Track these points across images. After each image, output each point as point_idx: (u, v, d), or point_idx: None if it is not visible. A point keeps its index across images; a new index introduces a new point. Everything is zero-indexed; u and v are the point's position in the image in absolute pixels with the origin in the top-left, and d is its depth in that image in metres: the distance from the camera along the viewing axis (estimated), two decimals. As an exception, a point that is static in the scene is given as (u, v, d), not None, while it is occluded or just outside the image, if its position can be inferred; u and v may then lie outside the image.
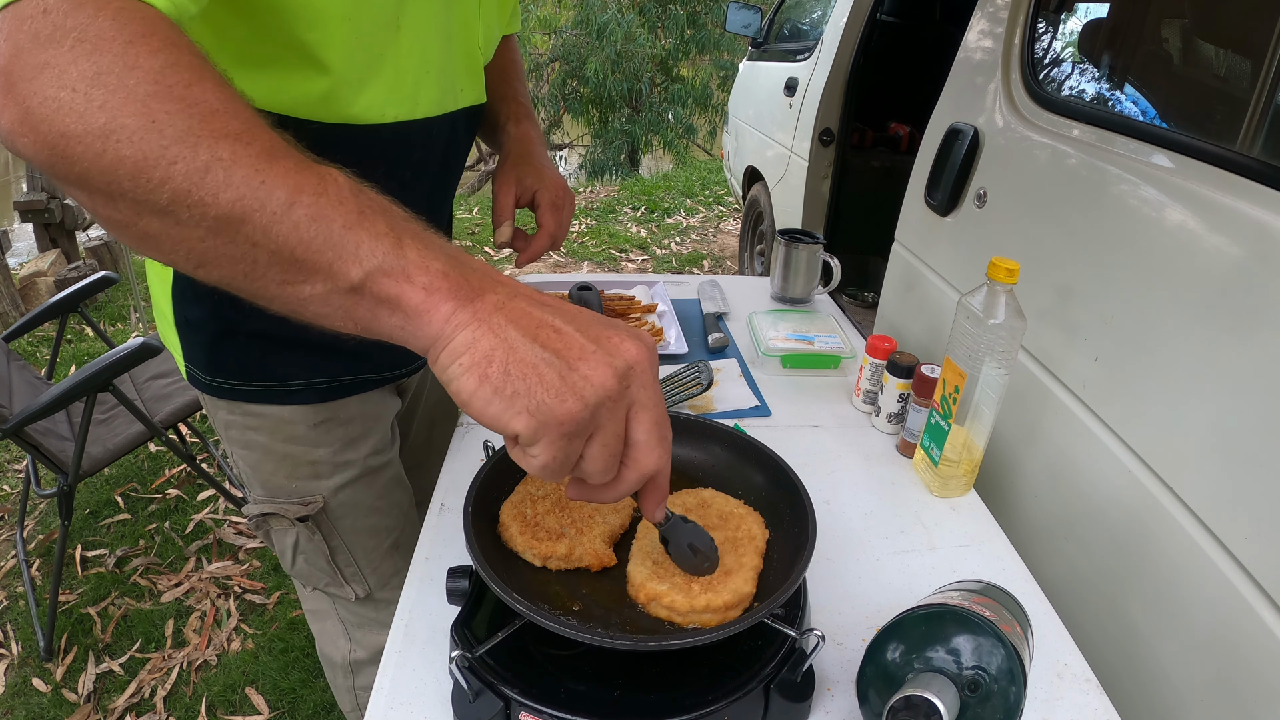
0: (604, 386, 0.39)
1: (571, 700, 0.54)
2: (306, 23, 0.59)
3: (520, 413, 0.38)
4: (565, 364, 0.39)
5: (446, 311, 0.39)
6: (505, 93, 0.95)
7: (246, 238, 0.38)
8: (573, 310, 0.43)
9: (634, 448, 0.43)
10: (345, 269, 0.39)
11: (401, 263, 0.39)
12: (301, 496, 0.86)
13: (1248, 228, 0.72)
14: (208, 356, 0.78)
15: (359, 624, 1.00)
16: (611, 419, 0.41)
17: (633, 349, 0.41)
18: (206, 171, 0.37)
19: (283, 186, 0.38)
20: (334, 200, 0.39)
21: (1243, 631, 0.68)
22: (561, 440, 0.39)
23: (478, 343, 0.39)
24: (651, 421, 0.42)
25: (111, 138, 0.36)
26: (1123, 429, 0.85)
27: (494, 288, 0.41)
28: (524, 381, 0.38)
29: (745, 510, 0.66)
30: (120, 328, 3.34)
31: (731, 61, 8.00)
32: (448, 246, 0.42)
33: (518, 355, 0.39)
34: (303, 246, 0.38)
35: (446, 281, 0.40)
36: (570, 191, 0.93)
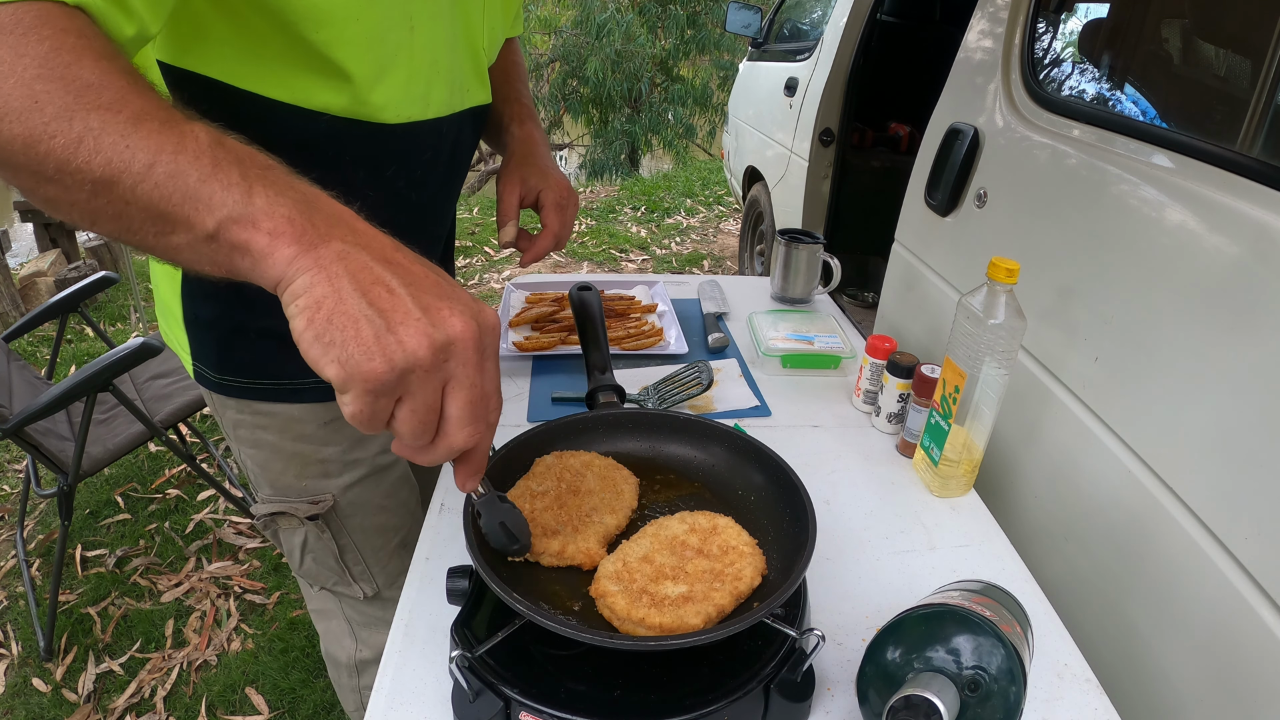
0: (414, 355, 0.41)
1: (571, 700, 0.54)
2: (313, 23, 0.59)
3: (332, 361, 0.41)
4: (385, 324, 0.41)
5: (289, 255, 0.42)
6: (509, 94, 0.95)
7: (120, 197, 0.42)
8: (418, 273, 0.44)
9: (445, 421, 0.44)
10: (201, 219, 0.42)
11: (249, 210, 0.42)
12: (311, 495, 0.86)
13: (1248, 228, 0.72)
14: (217, 355, 0.78)
15: (365, 623, 1.00)
16: (422, 388, 0.42)
17: (458, 324, 0.42)
18: (80, 142, 0.41)
19: (145, 149, 0.41)
20: (191, 156, 0.42)
21: (1243, 631, 0.68)
22: (367, 396, 0.41)
23: (313, 288, 0.41)
24: (465, 400, 0.44)
25: (4, 120, 0.40)
26: (1123, 429, 0.85)
27: (343, 236, 0.43)
28: (341, 332, 0.40)
29: (750, 549, 0.61)
30: (120, 328, 3.34)
31: (731, 61, 8.00)
32: (305, 191, 0.45)
33: (344, 306, 0.41)
34: (165, 201, 0.42)
35: (290, 226, 0.42)
36: (574, 192, 0.93)
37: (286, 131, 0.65)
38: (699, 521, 0.65)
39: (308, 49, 0.61)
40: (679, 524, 0.64)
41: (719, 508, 0.69)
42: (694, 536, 0.63)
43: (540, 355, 1.14)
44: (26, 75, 0.41)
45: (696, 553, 0.61)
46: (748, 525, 0.68)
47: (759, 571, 0.60)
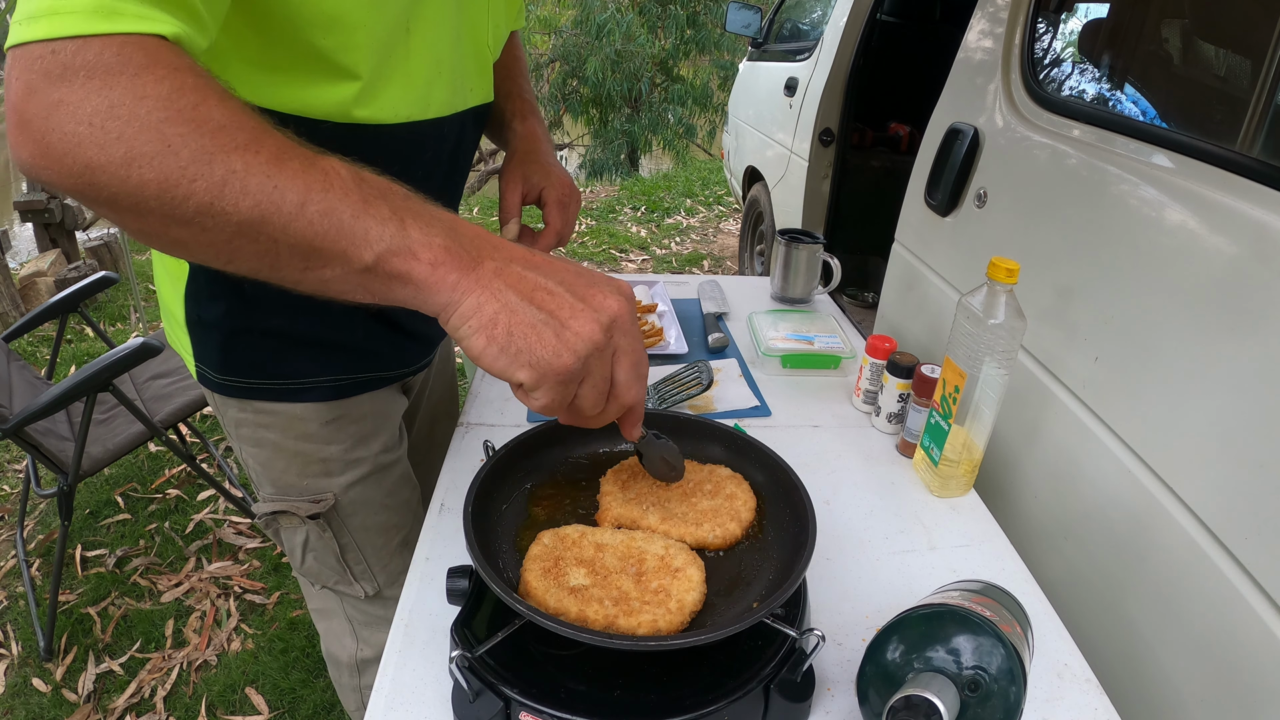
0: (592, 340, 0.46)
1: (571, 700, 0.54)
2: (321, 29, 0.59)
3: (524, 366, 0.45)
4: (559, 323, 0.46)
5: (452, 281, 0.45)
6: (510, 90, 0.95)
7: (268, 236, 0.43)
8: (560, 268, 0.49)
9: (617, 386, 0.50)
10: (358, 253, 0.44)
11: (406, 242, 0.44)
12: (312, 494, 0.86)
13: (1248, 228, 0.72)
14: (220, 355, 0.78)
15: (366, 622, 1.00)
16: (600, 365, 0.48)
17: (613, 303, 0.48)
18: (224, 184, 0.41)
19: (293, 188, 0.42)
20: (340, 193, 0.44)
21: (1243, 631, 0.68)
22: (559, 386, 0.46)
23: (483, 307, 0.45)
24: (631, 364, 0.50)
25: (134, 165, 0.40)
26: (1123, 429, 0.85)
27: (491, 254, 0.47)
28: (525, 340, 0.45)
29: (686, 559, 0.61)
30: (120, 328, 3.34)
31: (731, 61, 8.00)
32: (445, 218, 0.47)
33: (519, 317, 0.45)
34: (318, 238, 0.43)
35: (449, 255, 0.45)
36: (577, 189, 0.93)
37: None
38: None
39: (314, 54, 0.61)
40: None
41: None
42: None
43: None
44: (152, 119, 0.40)
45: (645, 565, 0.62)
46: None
47: (700, 575, 0.61)
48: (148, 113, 0.40)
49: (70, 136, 0.39)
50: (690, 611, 0.57)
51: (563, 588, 0.58)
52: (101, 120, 0.39)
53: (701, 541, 0.65)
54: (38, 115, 0.40)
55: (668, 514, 0.67)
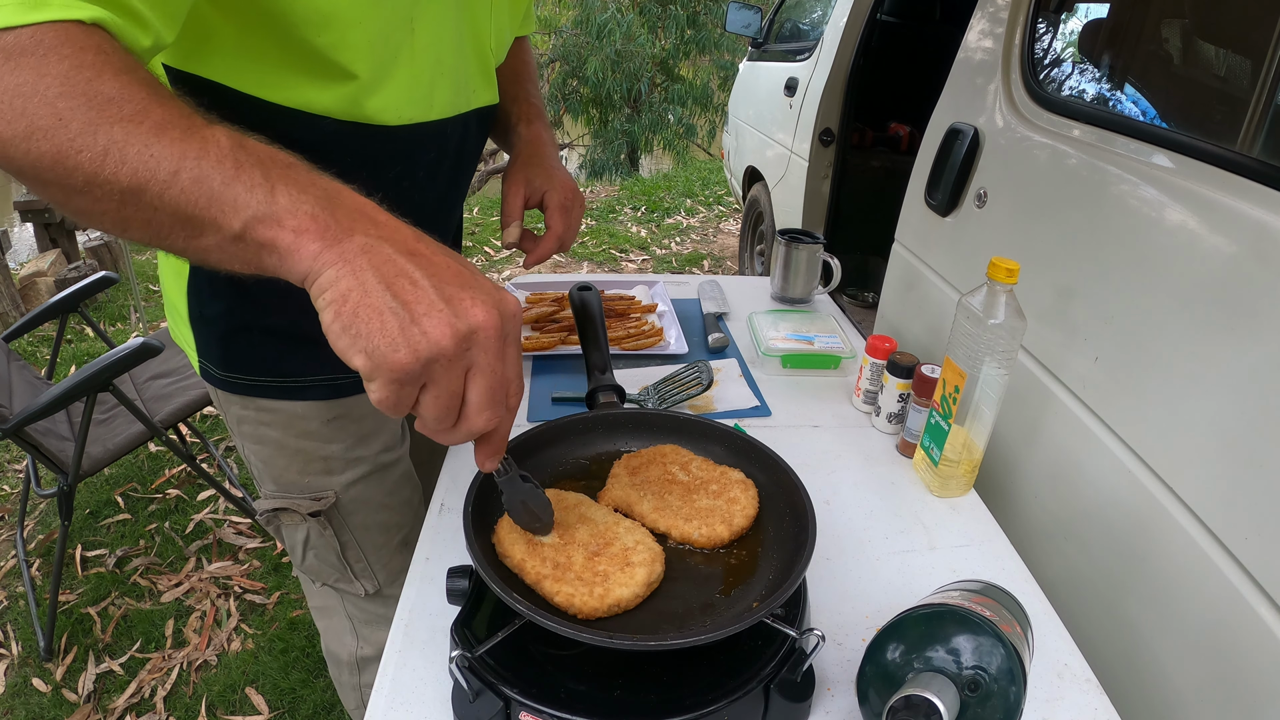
0: (438, 345, 0.42)
1: (571, 700, 0.54)
2: (316, 27, 0.59)
3: (359, 352, 0.43)
4: (409, 316, 0.42)
5: (314, 250, 0.43)
6: (517, 94, 0.95)
7: (148, 204, 0.43)
8: (441, 263, 0.45)
9: (467, 406, 0.46)
10: (228, 220, 0.43)
11: (273, 209, 0.43)
12: (313, 492, 0.86)
13: (1248, 228, 0.72)
14: (222, 352, 0.78)
15: (366, 620, 1.00)
16: (445, 376, 0.44)
17: (480, 313, 0.44)
18: (105, 154, 0.42)
19: (168, 156, 0.43)
20: (214, 160, 0.43)
21: (1243, 631, 0.68)
22: (393, 384, 0.43)
23: (339, 281, 0.43)
24: (485, 387, 0.45)
25: (32, 138, 0.42)
26: (1123, 429, 0.85)
27: (366, 229, 0.45)
28: (367, 324, 0.42)
29: (646, 558, 0.61)
30: (120, 328, 3.34)
31: (732, 61, 8.00)
32: (328, 187, 0.46)
33: (369, 299, 0.42)
34: (191, 205, 0.43)
35: (314, 223, 0.44)
36: (580, 194, 0.93)
37: (289, 135, 0.65)
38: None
39: (310, 53, 0.61)
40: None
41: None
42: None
43: (540, 355, 1.14)
44: (50, 94, 0.42)
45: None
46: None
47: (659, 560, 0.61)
48: (46, 88, 0.42)
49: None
50: (613, 604, 0.56)
51: (524, 539, 0.60)
52: (9, 97, 0.42)
53: (686, 537, 0.65)
54: None
55: (662, 505, 0.68)
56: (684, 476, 0.71)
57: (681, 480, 0.70)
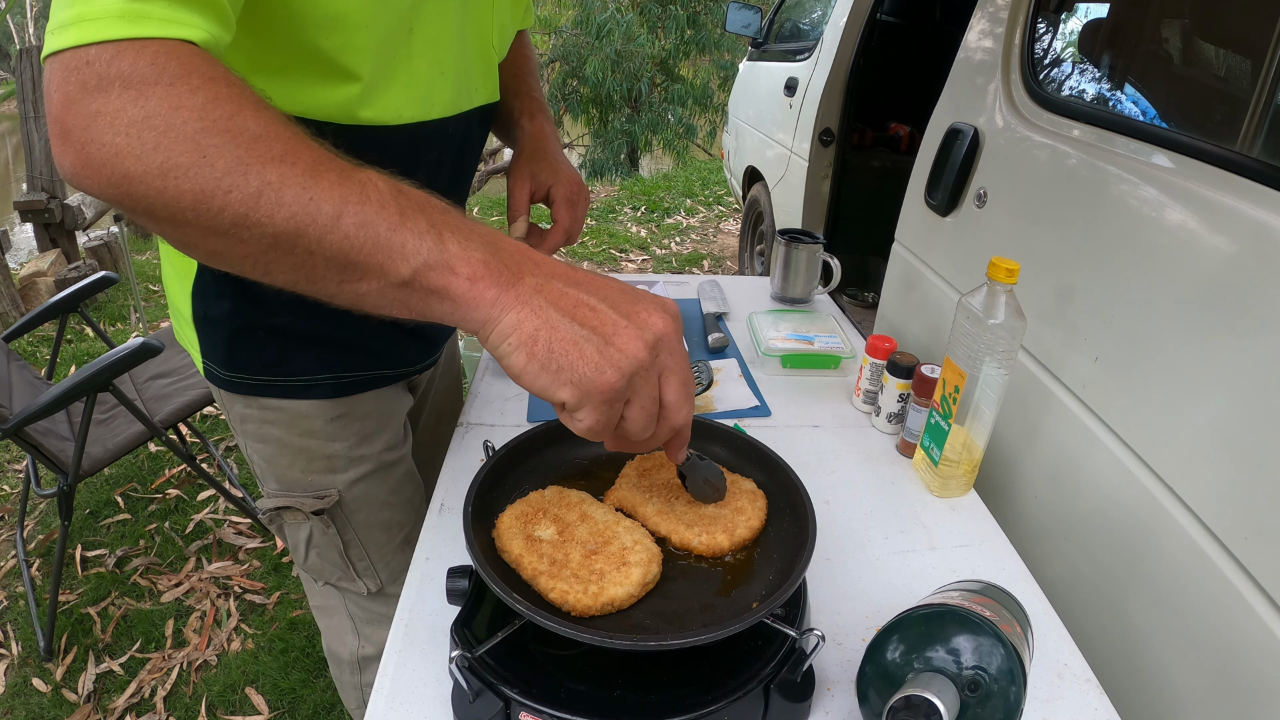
0: (637, 358, 0.44)
1: (571, 700, 0.54)
2: (324, 30, 0.59)
3: (565, 384, 0.44)
4: (602, 339, 0.44)
5: (491, 297, 0.44)
6: (519, 88, 0.95)
7: (303, 249, 0.42)
8: (603, 285, 0.47)
9: (666, 407, 0.48)
10: (395, 268, 0.43)
11: (444, 256, 0.43)
12: (316, 490, 0.86)
13: (1248, 228, 0.72)
14: (226, 352, 0.78)
15: (368, 620, 1.00)
16: (646, 384, 0.46)
17: (659, 321, 0.46)
18: (259, 196, 0.41)
19: (329, 200, 0.42)
20: (376, 206, 0.43)
21: (1243, 631, 0.68)
22: (603, 406, 0.44)
23: (523, 324, 0.44)
24: (680, 383, 0.48)
25: (170, 175, 0.40)
26: (1123, 429, 0.85)
27: (532, 270, 0.46)
28: (566, 357, 0.43)
29: (643, 559, 0.61)
30: (120, 328, 3.34)
31: (732, 61, 8.00)
32: (485, 233, 0.46)
33: (559, 334, 0.44)
34: (354, 252, 0.42)
35: (487, 270, 0.44)
36: (585, 186, 0.92)
37: None
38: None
39: (316, 55, 0.61)
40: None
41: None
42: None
43: (540, 355, 1.14)
44: (188, 129, 0.40)
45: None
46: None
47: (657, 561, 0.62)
48: (183, 123, 0.40)
49: (109, 147, 0.40)
50: (606, 602, 0.56)
51: (523, 534, 0.61)
52: (138, 131, 0.40)
53: (686, 543, 0.64)
54: (77, 126, 0.40)
55: (667, 509, 0.67)
56: None
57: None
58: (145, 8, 0.41)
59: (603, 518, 0.64)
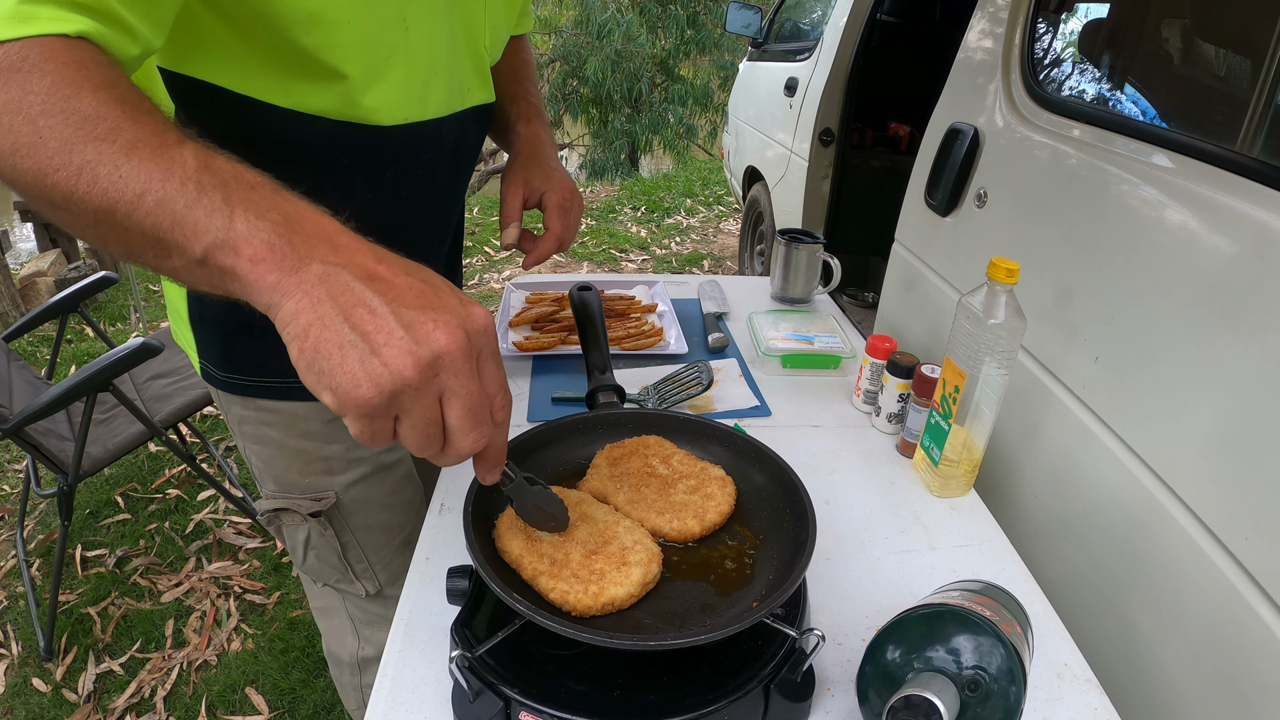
0: (400, 376, 0.41)
1: (571, 700, 0.54)
2: (303, 27, 0.59)
3: (325, 389, 0.41)
4: (369, 348, 0.41)
5: (272, 281, 0.42)
6: (515, 92, 0.95)
7: (119, 223, 0.43)
8: (402, 284, 0.43)
9: (449, 431, 0.44)
10: (190, 244, 0.43)
11: (230, 235, 0.43)
12: (314, 492, 0.86)
13: (1248, 228, 0.72)
14: (222, 353, 0.78)
15: (368, 621, 1.00)
16: (416, 405, 0.42)
17: (443, 337, 0.42)
18: (79, 174, 0.43)
19: (136, 177, 0.43)
20: (177, 182, 0.43)
21: (1243, 631, 0.68)
22: (363, 419, 0.42)
23: (299, 315, 0.42)
24: (462, 409, 0.43)
25: (17, 154, 0.43)
26: (1123, 429, 0.85)
27: (324, 255, 0.43)
28: (329, 360, 0.41)
29: (643, 558, 0.61)
30: (120, 328, 3.34)
31: (732, 61, 8.00)
32: (288, 209, 0.44)
33: (328, 333, 0.41)
34: (156, 228, 0.43)
35: (270, 251, 0.42)
36: (579, 194, 0.92)
37: (284, 135, 0.65)
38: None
39: (299, 53, 0.61)
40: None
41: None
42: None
43: (540, 355, 1.14)
44: (32, 111, 0.42)
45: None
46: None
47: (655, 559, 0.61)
48: (29, 106, 0.42)
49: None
50: (607, 602, 0.56)
51: (523, 534, 0.61)
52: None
53: (657, 529, 0.66)
54: None
55: (637, 497, 0.68)
56: (664, 470, 0.71)
57: (661, 473, 0.71)
58: (34, 9, 0.44)
59: (602, 517, 0.64)
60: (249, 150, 0.59)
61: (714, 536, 0.67)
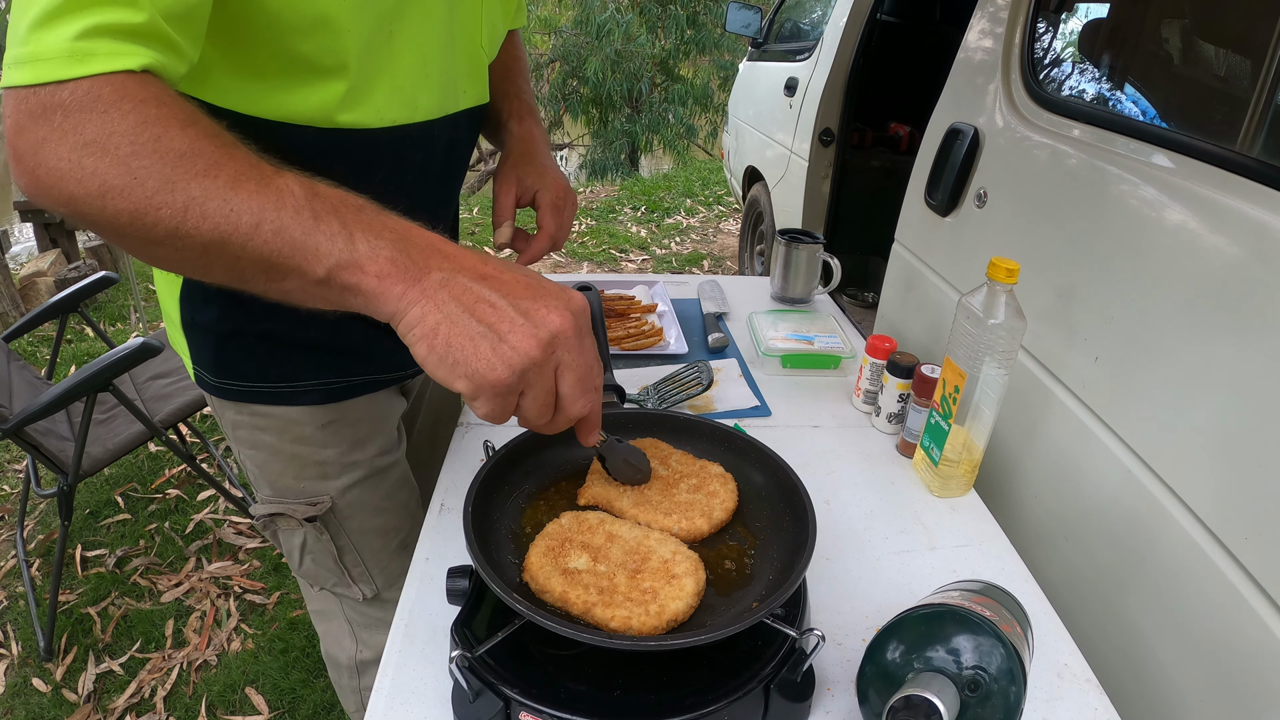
0: (529, 355, 0.47)
1: (571, 700, 0.54)
2: (303, 34, 0.59)
3: (461, 377, 0.47)
4: (497, 336, 0.47)
5: (398, 292, 0.47)
6: (508, 90, 0.94)
7: (231, 254, 0.46)
8: (509, 280, 0.49)
9: (561, 400, 0.51)
10: (311, 268, 0.47)
11: (354, 256, 0.47)
12: (309, 497, 0.86)
13: (1248, 228, 0.72)
14: (215, 358, 0.78)
15: (365, 624, 1.00)
16: (539, 379, 0.48)
17: (556, 319, 0.48)
18: (186, 210, 0.45)
19: (248, 210, 0.45)
20: (292, 211, 0.46)
21: (1243, 631, 0.68)
22: (496, 398, 0.47)
23: (426, 317, 0.47)
24: (575, 379, 0.50)
25: (108, 196, 0.44)
26: (1123, 429, 0.85)
27: (439, 264, 0.48)
28: (462, 352, 0.46)
29: (689, 568, 0.60)
30: (120, 328, 3.34)
31: (732, 61, 8.00)
32: (397, 229, 0.49)
33: (458, 329, 0.46)
34: (274, 255, 0.46)
35: (394, 266, 0.47)
36: (572, 192, 0.92)
37: (274, 145, 0.65)
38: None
39: (295, 60, 0.61)
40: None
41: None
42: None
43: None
44: (121, 152, 0.44)
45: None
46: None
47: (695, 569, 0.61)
48: (116, 147, 0.44)
49: (54, 171, 0.44)
50: (670, 619, 0.56)
51: (559, 568, 0.59)
52: (77, 157, 0.43)
53: (667, 530, 0.65)
54: (27, 151, 0.44)
55: (643, 500, 0.68)
56: (664, 471, 0.71)
57: (661, 475, 0.71)
58: (91, 45, 0.44)
59: (630, 534, 0.63)
60: None
61: (714, 536, 0.67)
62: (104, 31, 0.45)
